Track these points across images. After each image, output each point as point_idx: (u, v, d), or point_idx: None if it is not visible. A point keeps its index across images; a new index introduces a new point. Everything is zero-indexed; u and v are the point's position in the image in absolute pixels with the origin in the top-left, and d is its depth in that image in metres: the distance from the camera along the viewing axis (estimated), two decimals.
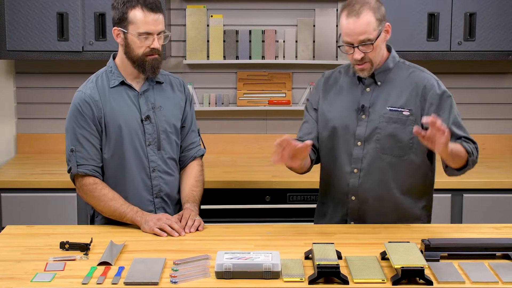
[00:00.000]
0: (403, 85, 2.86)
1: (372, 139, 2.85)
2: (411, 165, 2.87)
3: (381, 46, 2.81)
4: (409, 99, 2.84)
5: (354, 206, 2.89)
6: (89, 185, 2.84)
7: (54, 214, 3.83)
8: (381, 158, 2.85)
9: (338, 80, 2.96)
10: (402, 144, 2.84)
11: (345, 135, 2.88)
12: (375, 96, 2.86)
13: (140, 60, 2.82)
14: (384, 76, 2.87)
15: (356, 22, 2.73)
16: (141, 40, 2.79)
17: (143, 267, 2.35)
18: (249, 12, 4.38)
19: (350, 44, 2.76)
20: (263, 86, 4.40)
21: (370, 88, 2.87)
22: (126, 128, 2.86)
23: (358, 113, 2.86)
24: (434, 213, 3.85)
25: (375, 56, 2.78)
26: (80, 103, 2.84)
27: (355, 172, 2.87)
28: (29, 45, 4.03)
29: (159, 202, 2.94)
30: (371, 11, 2.74)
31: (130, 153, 2.87)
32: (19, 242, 2.66)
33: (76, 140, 2.84)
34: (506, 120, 4.48)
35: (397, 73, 2.89)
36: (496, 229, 2.83)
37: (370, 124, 2.85)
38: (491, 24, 4.06)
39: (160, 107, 2.92)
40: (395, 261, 2.26)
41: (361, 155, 2.86)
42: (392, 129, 2.83)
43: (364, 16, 2.73)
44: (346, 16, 2.75)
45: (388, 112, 2.84)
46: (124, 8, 2.79)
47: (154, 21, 2.79)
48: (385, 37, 2.82)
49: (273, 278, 2.28)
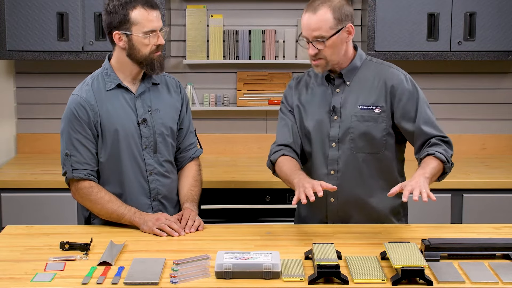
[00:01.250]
0: (372, 83, 2.85)
1: (346, 139, 2.84)
2: (386, 160, 2.88)
3: (340, 46, 2.77)
4: (379, 96, 2.84)
5: (333, 208, 2.89)
6: (85, 188, 2.83)
7: (54, 214, 3.83)
8: (356, 157, 2.84)
9: (309, 83, 2.95)
10: (376, 141, 2.84)
11: (319, 137, 2.87)
12: (345, 96, 2.86)
13: (148, 59, 2.80)
14: (352, 75, 2.86)
15: (311, 18, 2.73)
16: (148, 38, 2.78)
17: (143, 267, 2.35)
18: (249, 12, 4.38)
19: (306, 38, 2.76)
20: (263, 86, 4.40)
21: (340, 88, 2.87)
22: (123, 131, 2.84)
23: (330, 114, 2.86)
24: (434, 213, 3.87)
25: (330, 54, 2.76)
26: (75, 107, 2.82)
27: (332, 173, 2.86)
28: (29, 45, 4.02)
29: (157, 205, 2.93)
30: (330, 9, 2.72)
31: (127, 157, 2.86)
32: (19, 242, 2.66)
33: (71, 145, 2.82)
34: (506, 120, 4.48)
35: (365, 71, 2.87)
36: (496, 229, 2.82)
37: (342, 124, 2.84)
38: (491, 24, 4.06)
39: (156, 109, 2.90)
40: (395, 261, 2.26)
41: (336, 156, 2.85)
42: (364, 127, 2.83)
43: (321, 13, 2.72)
44: (305, 11, 2.76)
45: (360, 111, 2.83)
46: (124, 10, 2.76)
47: (156, 18, 2.79)
48: (346, 38, 2.79)
49: (273, 278, 2.28)
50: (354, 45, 2.89)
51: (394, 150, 2.90)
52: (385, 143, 2.86)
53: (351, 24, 2.78)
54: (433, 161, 2.72)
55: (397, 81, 2.84)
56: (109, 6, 2.79)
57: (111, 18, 2.79)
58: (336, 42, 2.75)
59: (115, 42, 2.81)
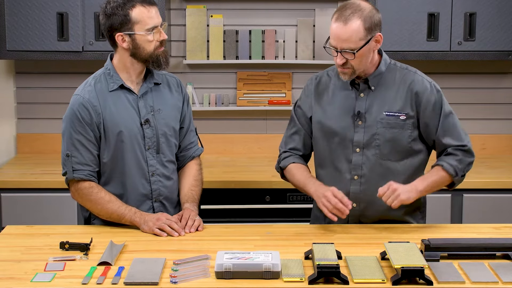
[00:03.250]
0: (397, 89, 2.83)
1: (371, 145, 2.83)
2: (410, 167, 2.87)
3: (368, 55, 2.74)
4: (405, 103, 2.82)
5: (355, 213, 2.88)
6: (85, 189, 2.82)
7: (54, 214, 3.83)
8: (381, 164, 2.83)
9: (329, 84, 2.92)
10: (401, 148, 2.83)
11: (343, 142, 2.85)
12: (370, 102, 2.83)
13: (154, 56, 2.80)
14: (377, 80, 2.84)
15: (342, 28, 2.69)
16: (151, 35, 2.77)
17: (143, 267, 2.35)
18: (249, 12, 4.38)
19: (335, 47, 2.73)
20: (263, 86, 4.40)
21: (364, 93, 2.84)
22: (127, 132, 2.84)
23: (355, 119, 2.83)
24: (434, 213, 3.87)
25: (358, 64, 2.73)
26: (78, 108, 2.81)
27: (355, 179, 2.85)
28: (29, 45, 4.02)
29: (158, 206, 2.93)
30: (361, 19, 2.68)
31: (130, 158, 2.86)
32: (19, 242, 2.66)
33: (72, 145, 2.82)
34: (506, 120, 4.48)
35: (389, 76, 2.85)
36: (496, 229, 2.83)
37: (367, 130, 2.82)
38: (491, 24, 4.06)
39: (159, 110, 2.90)
40: (395, 261, 2.26)
41: (360, 162, 2.84)
42: (391, 134, 2.81)
43: (352, 24, 2.68)
44: (335, 20, 2.71)
45: (385, 117, 2.81)
46: (123, 11, 2.75)
47: (156, 14, 2.79)
48: (374, 46, 2.76)
49: (273, 278, 2.28)
50: (379, 50, 2.85)
51: (419, 156, 2.88)
52: (411, 150, 2.85)
53: (379, 33, 2.74)
54: (438, 173, 2.80)
55: (422, 88, 2.82)
56: (107, 9, 2.77)
57: (111, 20, 2.77)
58: (364, 52, 2.72)
59: (118, 44, 2.80)
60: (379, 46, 2.78)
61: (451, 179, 2.83)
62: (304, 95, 2.97)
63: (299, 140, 2.97)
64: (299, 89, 4.39)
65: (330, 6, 4.31)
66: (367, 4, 2.74)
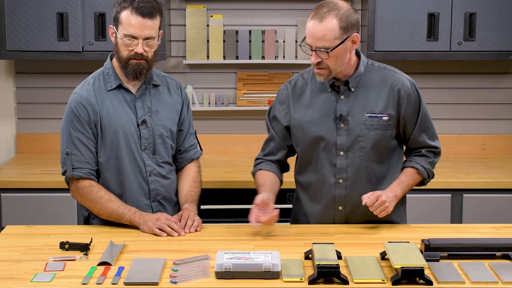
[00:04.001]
0: (378, 89, 2.81)
1: (355, 148, 2.80)
2: (391, 165, 2.87)
3: (343, 55, 2.70)
4: (387, 104, 2.80)
5: (341, 215, 2.88)
6: (85, 187, 2.82)
7: (54, 214, 3.83)
8: (365, 166, 2.82)
9: (305, 87, 2.88)
10: (384, 149, 2.83)
11: (326, 145, 2.82)
12: (351, 103, 2.80)
13: (124, 62, 2.79)
14: (357, 81, 2.80)
15: (317, 26, 2.65)
16: (126, 43, 2.76)
17: (143, 267, 2.35)
18: (249, 12, 4.38)
19: (310, 46, 2.70)
20: (263, 86, 4.40)
21: (345, 95, 2.80)
22: (123, 132, 2.84)
23: (337, 122, 2.80)
24: (434, 213, 3.87)
25: (333, 64, 2.69)
26: (76, 106, 2.82)
27: (340, 182, 2.83)
28: (29, 45, 4.03)
29: (157, 206, 2.93)
30: (337, 18, 2.64)
31: (126, 157, 2.86)
32: (19, 242, 2.66)
33: (71, 143, 2.82)
34: (506, 120, 4.48)
35: (369, 76, 2.82)
36: (496, 229, 2.82)
37: (350, 132, 2.79)
38: (491, 24, 4.06)
39: (156, 111, 2.90)
40: (395, 261, 2.26)
41: (345, 165, 2.82)
42: (374, 135, 2.79)
43: (327, 22, 2.64)
44: (311, 18, 2.68)
45: (368, 119, 2.79)
46: (118, 7, 2.77)
47: (140, 26, 2.73)
48: (351, 47, 2.71)
49: (273, 278, 2.28)
50: (356, 51, 2.82)
51: (396, 153, 2.89)
52: (390, 148, 2.85)
53: (356, 33, 2.70)
54: (413, 176, 2.85)
55: (403, 88, 2.81)
56: (117, 1, 2.81)
57: (112, 12, 2.82)
58: (340, 52, 2.68)
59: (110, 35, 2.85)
60: (355, 47, 2.74)
61: (422, 180, 2.89)
62: (277, 103, 2.92)
63: (273, 146, 2.94)
64: None
65: None
66: (345, 3, 2.71)
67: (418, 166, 2.85)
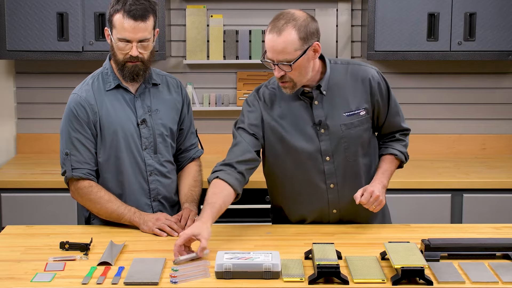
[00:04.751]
0: (349, 86, 2.77)
1: (340, 150, 2.77)
2: (372, 156, 2.88)
3: (307, 65, 2.63)
4: (361, 98, 2.77)
5: (336, 217, 2.87)
6: (84, 188, 2.82)
7: (54, 214, 3.83)
8: (351, 164, 2.80)
9: (274, 98, 2.78)
10: (365, 143, 2.83)
11: (311, 154, 2.77)
12: (327, 107, 2.76)
13: (121, 65, 2.79)
14: (326, 84, 2.75)
15: (276, 40, 2.57)
16: (121, 46, 2.76)
17: (143, 267, 2.35)
18: (249, 12, 4.38)
19: (271, 60, 2.61)
20: None
21: (318, 100, 2.75)
22: (122, 132, 2.84)
23: (316, 129, 2.76)
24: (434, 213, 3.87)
25: (297, 76, 2.63)
26: (75, 107, 2.82)
27: (331, 187, 2.81)
28: (29, 45, 4.03)
29: (157, 206, 2.93)
30: (295, 29, 2.57)
31: (126, 157, 2.86)
32: (19, 242, 2.66)
33: (70, 144, 2.82)
34: (506, 120, 4.48)
35: (336, 76, 2.77)
36: (496, 229, 2.82)
37: (332, 136, 2.76)
38: (491, 24, 4.06)
39: (156, 110, 2.90)
40: (395, 261, 2.26)
41: (333, 169, 2.79)
42: (356, 132, 2.78)
43: (286, 35, 2.56)
44: (269, 31, 2.60)
45: (347, 118, 2.76)
46: (112, 10, 2.76)
47: (133, 29, 2.72)
48: (313, 56, 2.65)
49: (273, 278, 2.28)
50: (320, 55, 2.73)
51: (373, 142, 2.89)
52: (368, 139, 2.84)
53: (317, 42, 2.63)
54: (393, 162, 2.88)
55: (373, 78, 2.78)
56: (110, 3, 2.79)
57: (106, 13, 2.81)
58: (302, 63, 2.61)
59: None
60: (317, 55, 2.67)
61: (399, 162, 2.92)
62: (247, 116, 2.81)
63: (239, 149, 2.78)
64: None
65: (330, 6, 4.32)
66: (302, 13, 2.66)
67: (396, 152, 2.88)
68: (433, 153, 4.47)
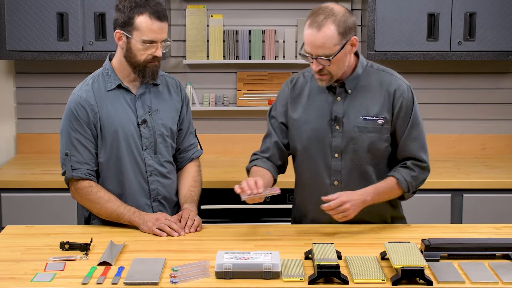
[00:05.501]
0: (374, 92, 2.79)
1: (349, 150, 2.78)
2: (386, 169, 2.85)
3: (344, 59, 2.69)
4: (382, 107, 2.78)
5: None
6: (84, 188, 2.82)
7: (54, 214, 3.83)
8: (359, 168, 2.80)
9: (305, 87, 2.87)
10: (379, 153, 2.80)
11: (321, 147, 2.80)
12: (347, 106, 2.78)
13: (142, 66, 2.79)
14: (354, 83, 2.79)
15: (315, 35, 2.62)
16: (145, 47, 2.76)
17: (143, 267, 2.35)
18: (249, 12, 4.38)
19: (310, 54, 2.68)
20: (263, 86, 4.40)
21: (341, 97, 2.79)
22: (123, 132, 2.84)
23: (332, 124, 2.79)
24: (434, 213, 3.87)
25: (335, 69, 2.68)
26: (75, 107, 2.82)
27: (335, 184, 2.82)
28: (29, 45, 4.03)
29: (157, 206, 2.93)
30: (334, 24, 2.62)
31: (127, 158, 2.86)
32: (19, 242, 2.66)
33: (70, 144, 2.82)
34: (506, 120, 4.48)
35: (366, 79, 2.80)
36: (496, 229, 2.82)
37: (345, 135, 2.78)
38: (491, 24, 4.06)
39: (156, 110, 2.90)
40: (395, 261, 2.26)
41: (339, 167, 2.80)
42: (368, 139, 2.77)
43: (325, 30, 2.61)
44: (308, 26, 2.65)
45: (362, 122, 2.77)
46: (131, 12, 2.74)
47: (160, 30, 2.75)
48: (350, 50, 2.70)
49: (273, 278, 2.28)
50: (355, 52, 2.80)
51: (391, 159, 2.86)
52: (386, 153, 2.82)
53: (355, 36, 2.69)
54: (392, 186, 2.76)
55: (399, 90, 2.78)
56: (120, 4, 2.78)
57: (117, 15, 2.78)
58: (340, 57, 2.67)
59: (116, 40, 2.81)
60: (355, 49, 2.73)
61: (402, 193, 2.80)
62: (278, 101, 2.92)
63: (269, 143, 2.91)
64: None
65: None
66: (341, 7, 2.69)
67: (398, 176, 2.77)
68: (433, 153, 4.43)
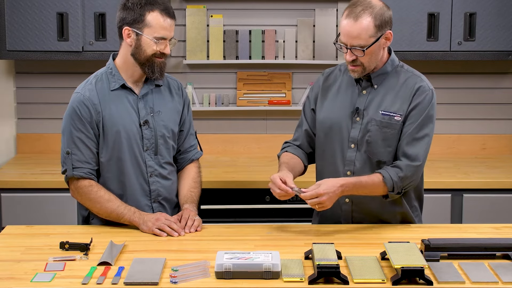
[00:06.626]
0: (398, 90, 2.82)
1: (363, 143, 2.82)
2: None
3: (378, 52, 2.75)
4: (402, 104, 2.80)
5: (347, 208, 2.88)
6: (85, 187, 2.82)
7: (54, 214, 3.83)
8: (371, 161, 2.82)
9: (338, 78, 2.94)
10: (391, 149, 2.81)
11: (340, 136, 2.86)
12: (370, 99, 2.83)
13: (150, 61, 2.79)
14: (381, 79, 2.83)
15: (352, 25, 2.69)
16: (155, 44, 2.77)
17: (143, 267, 2.35)
18: (249, 12, 4.38)
19: (345, 44, 2.74)
20: (263, 86, 4.40)
21: (367, 90, 2.84)
22: (125, 132, 2.84)
23: (353, 115, 2.84)
24: (434, 213, 3.87)
25: (367, 61, 2.74)
26: (78, 106, 2.82)
27: (348, 174, 2.84)
28: (29, 45, 4.02)
29: (157, 207, 2.93)
30: (371, 16, 2.68)
31: (128, 158, 2.86)
32: (19, 242, 2.66)
33: (72, 143, 2.82)
34: (506, 120, 4.48)
35: (394, 77, 2.84)
36: (496, 229, 2.83)
37: (363, 127, 2.82)
38: (491, 24, 4.06)
39: (158, 111, 2.90)
40: (395, 261, 2.26)
41: (353, 158, 2.83)
42: (382, 133, 2.79)
43: (362, 21, 2.68)
44: (346, 16, 2.72)
45: (380, 116, 2.80)
46: (141, 10, 2.75)
47: (170, 27, 2.79)
48: (384, 44, 2.77)
49: (273, 278, 2.28)
50: (388, 48, 2.85)
51: None
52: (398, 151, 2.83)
53: (390, 30, 2.74)
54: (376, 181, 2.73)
55: (421, 89, 2.80)
56: (128, 2, 2.78)
57: (125, 13, 2.78)
58: (374, 49, 2.73)
59: (123, 38, 2.81)
60: (389, 43, 2.79)
61: (386, 191, 2.76)
62: (311, 89, 3.01)
63: (300, 132, 3.00)
64: (299, 89, 4.39)
65: (330, 6, 4.31)
66: (378, 1, 2.74)
67: (385, 173, 2.74)
68: (433, 153, 4.45)
